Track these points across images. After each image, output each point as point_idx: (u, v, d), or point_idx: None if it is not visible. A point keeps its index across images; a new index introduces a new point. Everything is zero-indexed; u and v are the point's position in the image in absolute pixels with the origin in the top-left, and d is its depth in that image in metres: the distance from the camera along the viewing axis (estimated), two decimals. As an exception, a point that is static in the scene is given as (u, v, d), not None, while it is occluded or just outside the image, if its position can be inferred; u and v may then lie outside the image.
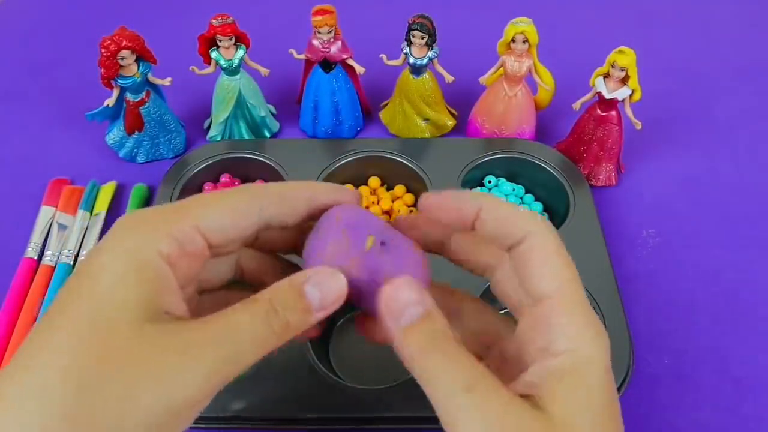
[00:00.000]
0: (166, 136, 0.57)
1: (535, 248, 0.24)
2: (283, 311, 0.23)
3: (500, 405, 0.21)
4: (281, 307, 0.23)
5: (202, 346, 0.22)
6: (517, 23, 0.51)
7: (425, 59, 0.53)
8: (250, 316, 0.23)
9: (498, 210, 0.25)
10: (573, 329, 0.23)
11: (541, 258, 0.24)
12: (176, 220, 0.23)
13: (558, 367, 0.22)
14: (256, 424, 0.39)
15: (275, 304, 0.23)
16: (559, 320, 0.23)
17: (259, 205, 0.25)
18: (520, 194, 0.54)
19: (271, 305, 0.23)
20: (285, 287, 0.24)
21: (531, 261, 0.24)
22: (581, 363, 0.22)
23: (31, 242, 0.49)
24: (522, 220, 0.24)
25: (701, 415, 0.42)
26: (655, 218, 0.53)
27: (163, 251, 0.22)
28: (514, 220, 0.24)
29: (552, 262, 0.24)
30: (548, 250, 0.24)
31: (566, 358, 0.22)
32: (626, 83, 0.50)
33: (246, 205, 0.25)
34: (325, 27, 0.52)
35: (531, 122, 0.56)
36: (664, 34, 0.72)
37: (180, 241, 0.23)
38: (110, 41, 0.49)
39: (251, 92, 0.56)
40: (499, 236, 0.25)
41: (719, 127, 0.62)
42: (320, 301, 0.24)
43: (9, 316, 0.45)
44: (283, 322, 0.23)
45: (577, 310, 0.23)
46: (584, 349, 0.23)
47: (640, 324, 0.46)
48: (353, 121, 0.58)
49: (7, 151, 0.59)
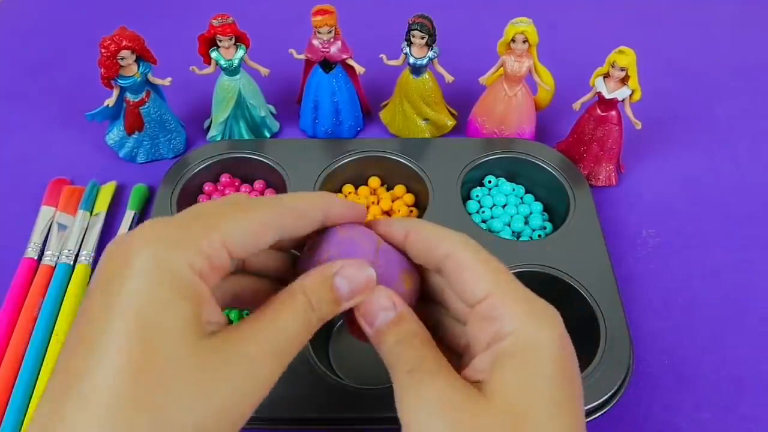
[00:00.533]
0: (166, 136, 0.57)
1: (460, 262, 0.26)
2: (318, 305, 0.24)
3: (439, 386, 0.23)
4: (316, 300, 0.24)
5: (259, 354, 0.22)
6: (517, 23, 0.51)
7: (425, 59, 0.53)
8: (293, 314, 0.24)
9: (421, 233, 0.27)
10: (515, 316, 0.24)
11: (468, 269, 0.25)
12: (206, 236, 0.23)
13: (502, 351, 0.24)
14: (256, 424, 0.39)
15: (311, 298, 0.24)
16: (501, 311, 0.24)
17: (279, 220, 0.25)
18: (520, 194, 0.54)
19: (308, 300, 0.24)
20: (318, 280, 0.25)
21: (460, 275, 0.26)
22: (525, 346, 0.23)
23: (31, 242, 0.49)
24: (443, 240, 0.26)
25: (701, 415, 0.42)
26: (655, 218, 0.53)
27: (195, 267, 0.22)
28: (436, 241, 0.26)
29: (478, 269, 0.25)
30: (472, 261, 0.26)
31: (510, 341, 0.24)
32: (626, 83, 0.50)
33: (269, 220, 0.25)
34: (325, 27, 0.52)
35: (531, 122, 0.56)
36: (664, 34, 0.72)
37: (210, 256, 0.23)
38: (110, 41, 0.49)
39: (251, 92, 0.56)
40: (425, 256, 0.27)
41: (719, 127, 0.62)
42: (349, 293, 0.25)
43: (9, 316, 0.45)
44: (319, 317, 0.25)
45: (518, 299, 0.25)
46: (529, 333, 0.24)
47: (640, 324, 0.46)
48: (353, 121, 0.58)
49: (7, 151, 0.59)
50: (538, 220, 0.51)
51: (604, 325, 0.42)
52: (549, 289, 0.45)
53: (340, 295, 0.25)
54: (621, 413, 0.41)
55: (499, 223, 0.51)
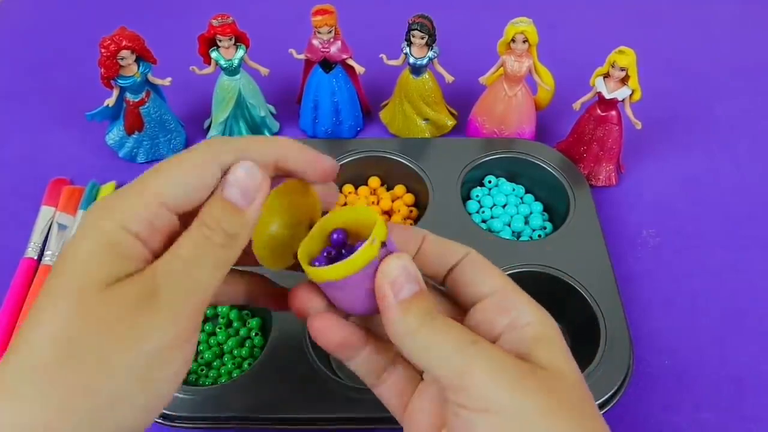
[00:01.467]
0: (166, 136, 0.57)
1: (477, 261, 0.28)
2: (216, 224, 0.24)
3: (502, 352, 0.25)
4: (213, 220, 0.24)
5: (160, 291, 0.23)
6: (517, 23, 0.51)
7: (425, 59, 0.53)
8: (192, 242, 0.24)
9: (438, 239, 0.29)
10: (529, 307, 0.27)
11: (483, 266, 0.28)
12: (139, 203, 0.23)
13: (532, 334, 0.26)
14: (256, 424, 0.39)
15: (206, 221, 0.24)
16: (516, 301, 0.27)
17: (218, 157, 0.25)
18: (520, 194, 0.54)
19: (203, 224, 0.24)
20: (209, 202, 0.25)
21: (476, 269, 0.28)
22: (548, 328, 0.26)
23: (31, 242, 0.49)
24: (459, 245, 0.29)
25: (701, 415, 0.42)
26: (655, 218, 0.53)
27: (131, 230, 0.23)
28: (453, 244, 0.29)
29: (492, 268, 0.28)
30: (487, 262, 0.28)
31: (532, 327, 0.26)
32: (626, 83, 0.50)
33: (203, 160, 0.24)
34: (325, 27, 0.52)
35: (531, 122, 0.56)
36: (664, 34, 0.72)
37: (148, 220, 0.23)
38: (110, 41, 0.49)
39: (251, 92, 0.56)
40: (444, 256, 0.28)
41: (719, 127, 0.62)
42: (242, 196, 0.24)
43: (9, 316, 0.45)
44: (222, 234, 0.24)
45: (525, 295, 0.27)
46: (545, 325, 0.26)
47: (640, 324, 0.46)
48: (353, 121, 0.58)
49: (7, 151, 0.59)
50: (538, 220, 0.51)
51: (604, 325, 0.42)
52: (549, 289, 0.45)
53: (234, 202, 0.24)
54: (621, 413, 0.41)
55: (499, 223, 0.51)
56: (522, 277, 0.45)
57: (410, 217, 0.52)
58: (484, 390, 0.23)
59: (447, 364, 0.24)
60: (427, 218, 0.49)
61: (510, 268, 0.45)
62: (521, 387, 0.23)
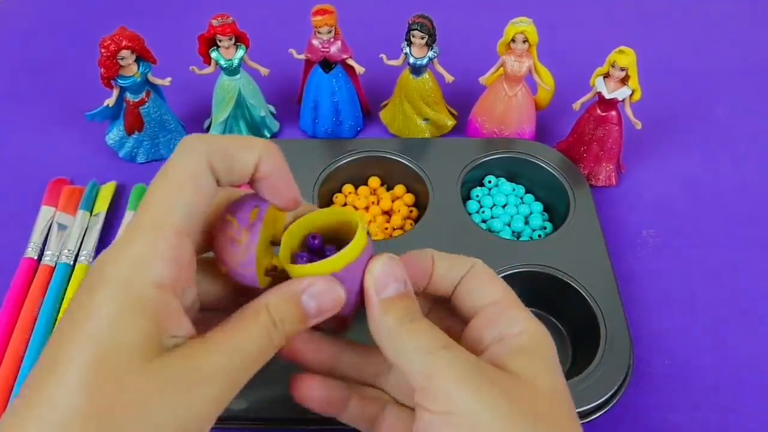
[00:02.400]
0: (166, 136, 0.57)
1: (480, 273, 0.29)
2: (281, 324, 0.24)
3: (474, 359, 0.25)
4: (280, 319, 0.24)
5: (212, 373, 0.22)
6: (517, 23, 0.51)
7: (425, 59, 0.53)
8: (254, 332, 0.24)
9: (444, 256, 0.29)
10: (522, 319, 0.27)
11: (487, 277, 0.29)
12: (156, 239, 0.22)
13: (516, 345, 0.26)
14: (256, 424, 0.39)
15: (275, 316, 0.24)
16: (510, 313, 0.27)
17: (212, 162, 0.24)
18: (520, 194, 0.54)
19: (271, 319, 0.24)
20: (284, 299, 0.25)
21: (479, 280, 0.28)
22: (536, 340, 0.27)
23: (31, 242, 0.49)
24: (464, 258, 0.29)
25: (701, 415, 0.42)
26: (655, 218, 0.53)
27: (156, 279, 0.22)
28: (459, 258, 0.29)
29: (496, 279, 0.29)
30: (491, 273, 0.29)
31: (522, 337, 0.26)
32: (626, 83, 0.50)
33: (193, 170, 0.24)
34: (325, 27, 0.52)
35: (531, 122, 0.56)
36: (664, 34, 0.72)
37: (173, 258, 0.22)
38: (110, 41, 0.49)
39: (251, 92, 0.56)
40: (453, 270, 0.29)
41: (719, 127, 0.62)
42: (317, 311, 0.25)
43: (9, 316, 0.45)
44: (283, 335, 0.25)
45: (522, 308, 0.28)
46: (535, 333, 0.27)
47: (640, 324, 0.46)
48: (353, 121, 0.58)
49: (7, 151, 0.59)
50: (538, 220, 0.51)
51: (604, 325, 0.42)
52: (549, 289, 0.45)
53: (306, 313, 0.25)
54: (621, 413, 0.41)
55: (499, 223, 0.51)
56: (522, 277, 0.45)
57: (410, 217, 0.52)
58: (446, 393, 0.24)
59: (417, 366, 0.25)
60: (427, 218, 0.49)
61: (510, 268, 0.45)
62: (483, 392, 0.24)
